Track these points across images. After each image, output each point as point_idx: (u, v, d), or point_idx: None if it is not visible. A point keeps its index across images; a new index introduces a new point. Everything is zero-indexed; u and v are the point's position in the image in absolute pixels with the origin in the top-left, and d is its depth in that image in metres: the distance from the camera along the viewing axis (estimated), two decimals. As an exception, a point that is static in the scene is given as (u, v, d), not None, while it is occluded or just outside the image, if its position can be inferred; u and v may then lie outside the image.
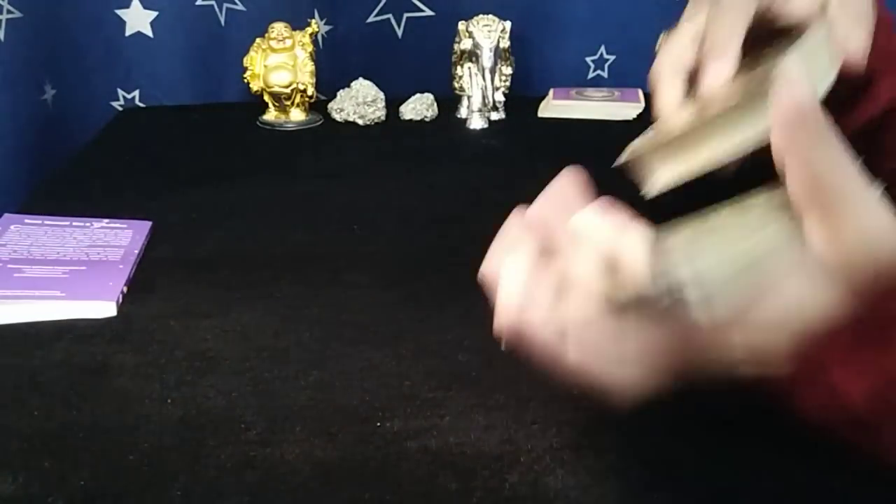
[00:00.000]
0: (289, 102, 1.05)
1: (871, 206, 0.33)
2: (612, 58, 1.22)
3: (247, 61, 1.05)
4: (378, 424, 0.48)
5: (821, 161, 0.33)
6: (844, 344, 0.35)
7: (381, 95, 1.06)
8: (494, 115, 1.07)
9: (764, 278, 0.34)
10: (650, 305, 0.34)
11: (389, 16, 1.18)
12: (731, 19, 0.45)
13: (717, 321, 0.34)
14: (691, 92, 0.47)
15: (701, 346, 0.36)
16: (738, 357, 0.36)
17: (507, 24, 1.03)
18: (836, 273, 0.33)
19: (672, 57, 0.47)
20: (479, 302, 0.63)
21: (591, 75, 1.23)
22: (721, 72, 0.44)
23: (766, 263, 0.34)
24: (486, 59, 1.01)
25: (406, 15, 1.18)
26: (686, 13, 0.49)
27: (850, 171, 0.33)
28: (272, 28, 1.03)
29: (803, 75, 0.35)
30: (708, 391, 0.49)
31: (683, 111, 0.46)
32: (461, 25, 1.03)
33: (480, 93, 1.03)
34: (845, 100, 0.52)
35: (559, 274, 0.38)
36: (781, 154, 0.33)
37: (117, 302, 0.61)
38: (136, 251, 0.68)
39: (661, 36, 0.50)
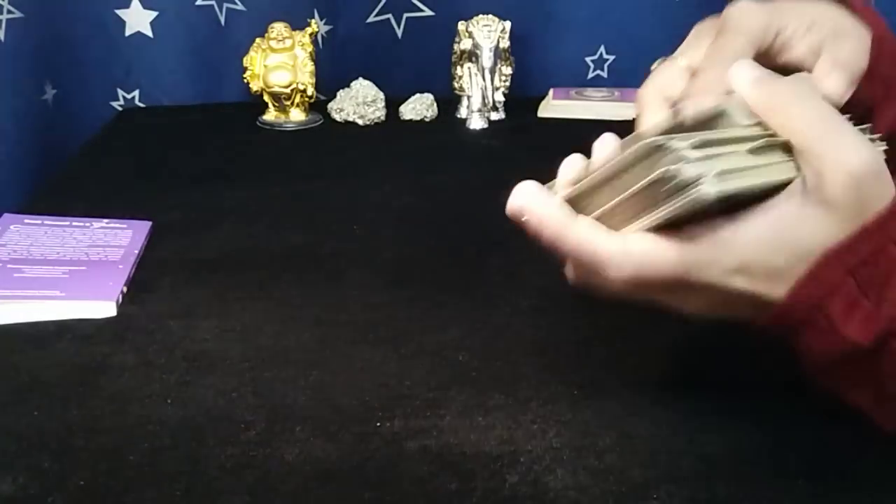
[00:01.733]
0: (289, 102, 1.05)
1: (849, 141, 0.38)
2: (611, 58, 1.22)
3: (247, 61, 1.05)
4: (378, 424, 0.48)
5: (792, 109, 0.39)
6: (846, 293, 0.38)
7: (381, 95, 1.06)
8: (494, 115, 1.07)
9: (767, 195, 0.39)
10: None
11: (389, 16, 1.18)
12: (721, 65, 0.44)
13: (726, 196, 0.36)
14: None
15: (700, 258, 0.39)
16: (734, 272, 0.39)
17: (507, 24, 1.03)
18: (829, 206, 0.38)
19: (659, 86, 0.48)
20: (480, 302, 0.63)
21: (590, 75, 1.23)
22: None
23: (770, 185, 0.38)
24: (486, 59, 1.01)
25: (406, 15, 1.18)
26: (685, 43, 0.50)
27: (820, 112, 0.39)
28: (272, 28, 1.03)
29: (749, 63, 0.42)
30: (708, 389, 0.49)
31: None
32: (461, 25, 1.03)
33: (480, 93, 1.03)
34: None
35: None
36: (765, 115, 0.40)
37: (117, 302, 0.61)
38: (136, 251, 0.68)
39: (657, 62, 0.50)
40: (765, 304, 0.40)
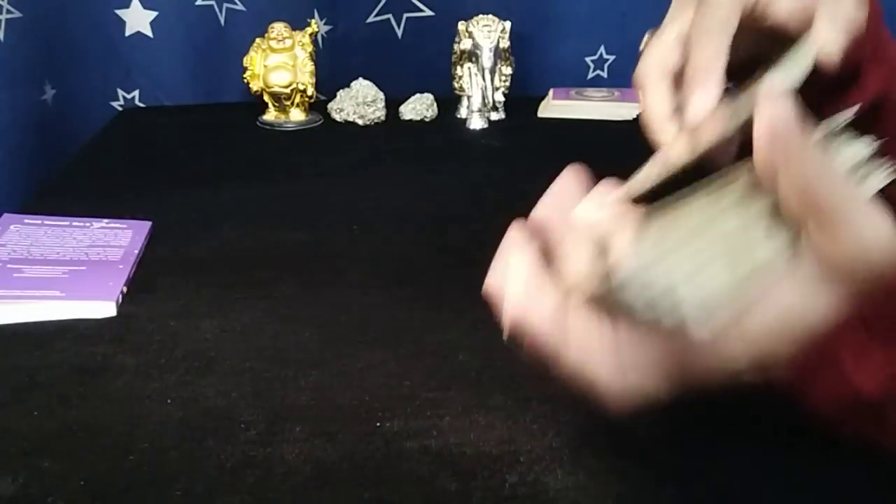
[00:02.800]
0: (289, 102, 1.05)
1: (867, 212, 0.32)
2: (611, 58, 1.22)
3: (247, 61, 1.05)
4: (378, 424, 0.48)
5: (811, 172, 0.33)
6: (856, 340, 0.36)
7: (381, 95, 1.06)
8: (494, 115, 1.07)
9: (761, 287, 0.34)
10: (633, 310, 0.34)
11: (389, 16, 1.18)
12: (713, 36, 0.43)
13: (716, 334, 0.34)
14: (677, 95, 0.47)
15: (701, 354, 0.35)
16: (741, 364, 0.36)
17: (507, 24, 1.03)
18: (836, 279, 0.33)
19: (656, 60, 0.47)
20: (480, 302, 0.63)
21: (590, 75, 1.23)
22: (705, 102, 0.43)
23: (763, 274, 0.33)
24: (486, 59, 1.01)
25: (406, 15, 1.18)
26: (670, 13, 0.49)
27: (840, 180, 0.33)
28: (272, 28, 1.03)
29: (785, 90, 0.34)
30: (709, 393, 0.48)
31: (671, 125, 0.45)
32: (461, 25, 1.03)
33: (480, 93, 1.03)
34: (833, 89, 0.52)
35: (561, 273, 0.38)
36: (769, 169, 0.33)
37: (117, 302, 0.61)
38: (136, 251, 0.68)
39: (646, 35, 0.50)
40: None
